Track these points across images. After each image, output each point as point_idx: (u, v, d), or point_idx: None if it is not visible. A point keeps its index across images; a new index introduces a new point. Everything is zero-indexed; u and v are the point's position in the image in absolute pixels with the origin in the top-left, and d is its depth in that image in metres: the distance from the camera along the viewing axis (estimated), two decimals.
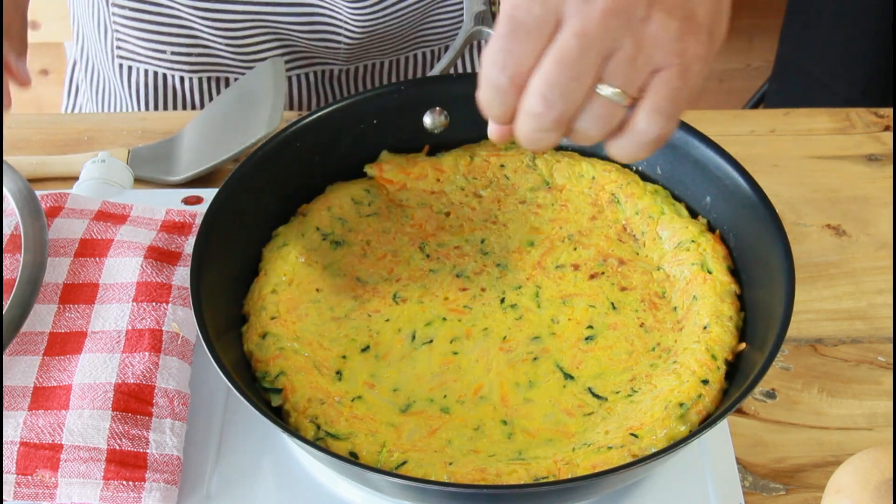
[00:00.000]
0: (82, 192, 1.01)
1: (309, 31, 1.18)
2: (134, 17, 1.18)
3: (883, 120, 1.15)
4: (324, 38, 1.19)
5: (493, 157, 0.96)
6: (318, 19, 1.17)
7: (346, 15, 1.15)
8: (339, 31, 1.18)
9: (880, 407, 0.89)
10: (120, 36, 1.20)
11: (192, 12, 1.16)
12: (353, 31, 1.17)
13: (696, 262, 0.86)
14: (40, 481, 0.78)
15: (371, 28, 1.17)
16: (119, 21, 1.19)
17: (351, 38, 1.18)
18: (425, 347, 0.84)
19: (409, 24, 1.20)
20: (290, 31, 1.18)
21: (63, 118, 1.18)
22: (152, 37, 1.19)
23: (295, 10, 1.16)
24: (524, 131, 0.67)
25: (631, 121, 0.66)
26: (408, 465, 0.75)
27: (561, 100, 0.64)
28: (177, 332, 0.85)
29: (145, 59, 1.21)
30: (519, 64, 0.65)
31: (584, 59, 0.64)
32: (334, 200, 0.93)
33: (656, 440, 0.75)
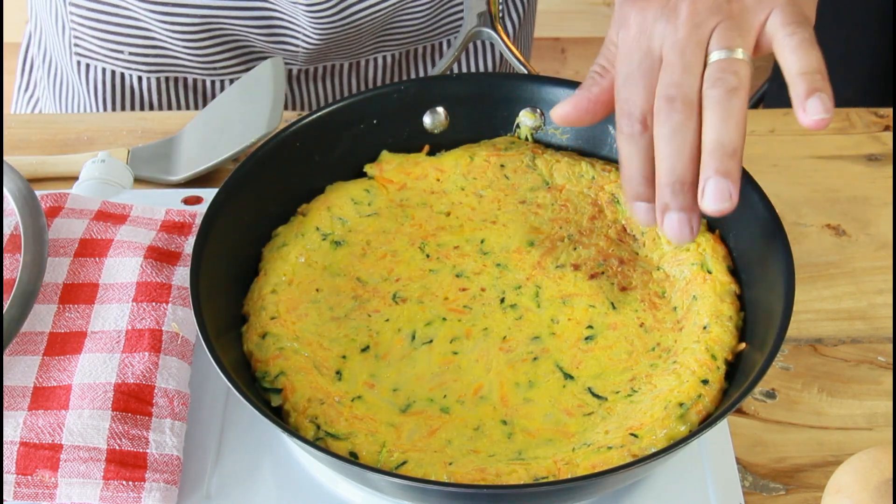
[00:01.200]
0: (82, 192, 1.01)
1: (267, 35, 1.17)
2: (91, 17, 1.17)
3: (883, 120, 1.15)
4: (282, 42, 1.18)
5: (493, 157, 0.96)
6: (275, 23, 1.16)
7: (303, 22, 1.14)
8: (297, 36, 1.17)
9: (880, 407, 0.89)
10: (77, 34, 1.19)
11: (148, 14, 1.15)
12: (312, 37, 1.16)
13: (696, 262, 0.86)
14: (40, 481, 0.78)
15: (329, 34, 1.16)
16: (76, 20, 1.18)
17: (309, 43, 1.17)
18: (425, 347, 0.84)
19: (370, 30, 1.18)
20: (248, 35, 1.17)
21: (63, 118, 1.18)
22: (109, 36, 1.18)
23: (252, 14, 1.15)
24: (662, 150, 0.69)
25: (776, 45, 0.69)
26: (408, 465, 0.75)
27: (679, 87, 0.68)
28: (177, 332, 0.85)
29: (103, 58, 1.20)
30: (638, 104, 0.69)
31: (684, 55, 0.67)
32: (334, 200, 0.93)
33: (656, 440, 0.75)
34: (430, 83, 0.97)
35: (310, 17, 1.13)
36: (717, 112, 0.69)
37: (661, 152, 0.71)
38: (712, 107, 0.70)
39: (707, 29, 0.70)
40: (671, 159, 0.70)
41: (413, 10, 1.19)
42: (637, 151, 0.72)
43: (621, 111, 0.73)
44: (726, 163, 0.70)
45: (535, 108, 0.97)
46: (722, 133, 0.69)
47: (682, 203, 0.71)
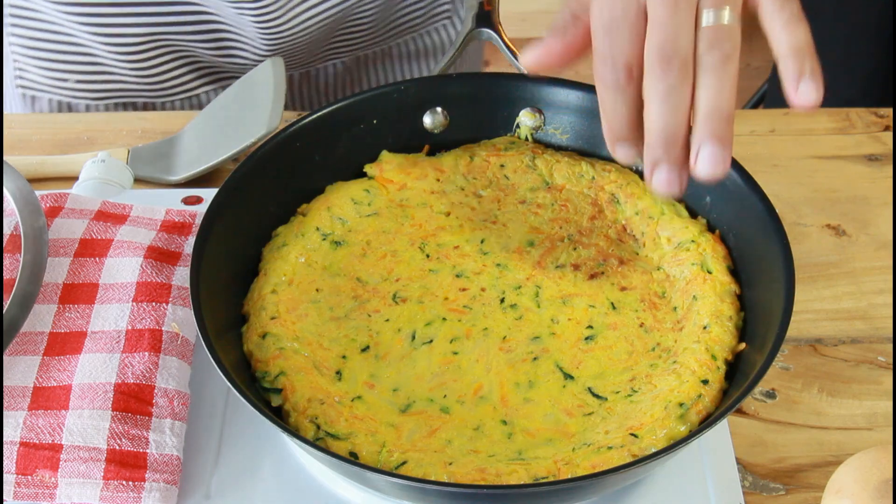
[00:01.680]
0: (82, 192, 1.01)
1: (215, 49, 1.16)
2: (34, 47, 1.15)
3: (883, 120, 1.15)
4: (231, 55, 1.17)
5: (493, 157, 0.96)
6: (224, 36, 1.14)
7: (251, 33, 1.13)
8: (245, 48, 1.15)
9: (880, 407, 0.89)
10: (20, 65, 1.17)
11: (91, 38, 1.13)
12: (260, 48, 1.15)
13: (696, 262, 0.86)
14: (40, 481, 0.78)
15: (278, 44, 1.14)
16: (18, 51, 1.16)
17: (258, 55, 1.16)
18: (425, 347, 0.84)
19: (319, 37, 1.17)
20: (196, 49, 1.15)
21: (63, 118, 1.18)
22: (54, 65, 1.16)
23: (200, 28, 1.13)
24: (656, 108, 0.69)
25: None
26: (408, 465, 0.75)
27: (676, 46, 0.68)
28: (177, 332, 0.85)
29: (49, 89, 1.18)
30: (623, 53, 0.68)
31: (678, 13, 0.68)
32: (334, 200, 0.93)
33: (656, 440, 0.75)
34: (430, 83, 0.97)
35: (258, 27, 1.11)
36: (713, 77, 0.69)
37: (654, 110, 0.69)
38: (709, 72, 0.69)
39: None
40: (665, 117, 0.69)
41: (362, 13, 1.18)
42: (623, 101, 0.71)
43: (603, 59, 0.71)
44: (722, 128, 0.69)
45: (535, 108, 0.97)
46: (719, 99, 0.69)
47: (674, 158, 0.71)
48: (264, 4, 1.09)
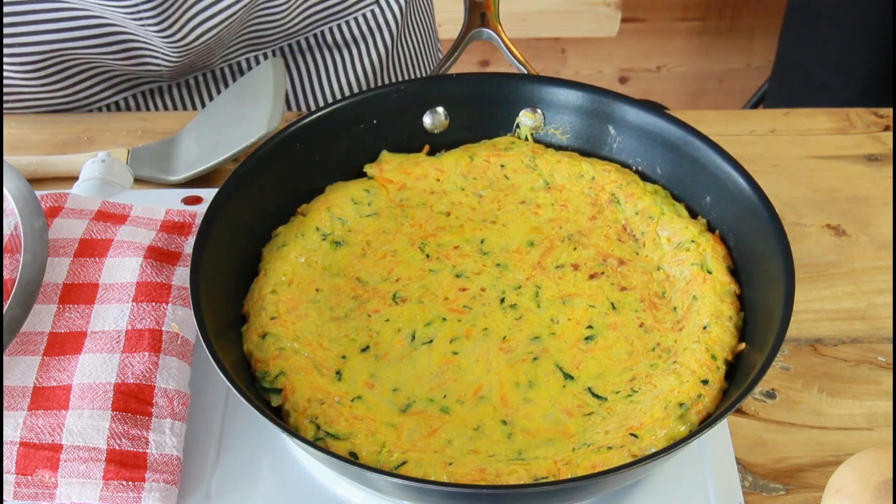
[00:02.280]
0: (82, 192, 1.01)
1: (125, 59, 1.14)
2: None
3: (883, 120, 1.15)
4: (144, 64, 1.15)
5: (493, 157, 0.96)
6: (133, 46, 1.12)
7: (158, 43, 1.11)
8: (157, 56, 1.14)
9: (880, 407, 0.89)
10: None
11: None
12: (171, 57, 1.13)
13: (696, 262, 0.86)
14: (40, 481, 0.78)
15: (187, 51, 1.13)
16: None
17: (170, 61, 1.14)
18: (425, 347, 0.84)
19: (227, 38, 1.15)
20: (105, 60, 1.13)
21: (63, 118, 1.18)
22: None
23: (107, 40, 1.11)
24: None
25: None
26: (407, 465, 0.75)
27: None
28: (177, 332, 0.85)
29: None
30: None
31: None
32: (334, 200, 0.93)
33: (656, 440, 0.75)
34: (430, 83, 0.97)
35: (162, 38, 1.10)
36: None
37: None
38: None
39: None
40: None
41: (270, 6, 1.16)
42: None
43: None
44: None
45: (535, 108, 0.97)
46: None
47: None
48: (163, 18, 1.07)
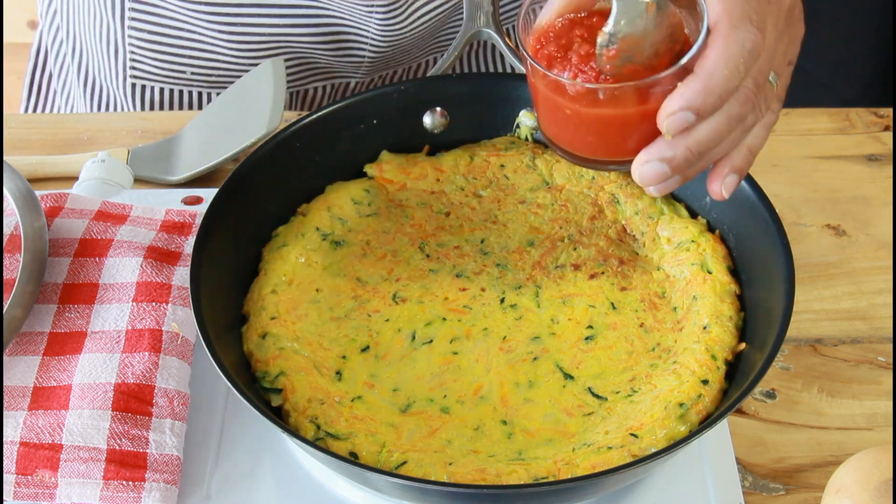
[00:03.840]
0: (82, 192, 1.01)
1: (333, 48, 1.18)
2: (152, 40, 1.17)
3: (883, 120, 1.15)
4: (348, 54, 1.19)
5: (493, 157, 0.96)
6: (343, 36, 1.17)
7: (373, 30, 1.15)
8: (363, 46, 1.17)
9: (880, 407, 0.89)
10: (135, 57, 1.19)
11: (214, 35, 1.16)
12: (379, 45, 1.17)
13: (696, 262, 0.86)
14: (40, 481, 0.78)
15: (397, 40, 1.16)
16: (135, 43, 1.18)
17: (375, 51, 1.18)
18: (425, 347, 0.84)
19: (432, 32, 1.20)
20: (314, 49, 1.18)
21: (63, 118, 1.18)
22: (172, 58, 1.18)
23: (320, 30, 1.16)
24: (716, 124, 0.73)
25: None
26: (408, 465, 0.75)
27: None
28: (177, 332, 0.85)
29: (162, 79, 1.20)
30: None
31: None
32: (334, 200, 0.93)
33: (656, 440, 0.75)
34: (430, 83, 0.97)
35: (381, 24, 1.14)
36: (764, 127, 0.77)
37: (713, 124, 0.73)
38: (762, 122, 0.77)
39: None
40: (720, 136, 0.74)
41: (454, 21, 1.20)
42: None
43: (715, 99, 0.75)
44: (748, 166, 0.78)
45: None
46: (761, 141, 0.77)
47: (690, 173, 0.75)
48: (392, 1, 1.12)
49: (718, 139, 0.73)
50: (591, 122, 0.76)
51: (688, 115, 0.71)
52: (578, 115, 0.76)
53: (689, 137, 0.72)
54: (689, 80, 0.71)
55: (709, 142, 0.72)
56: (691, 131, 0.72)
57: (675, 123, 0.71)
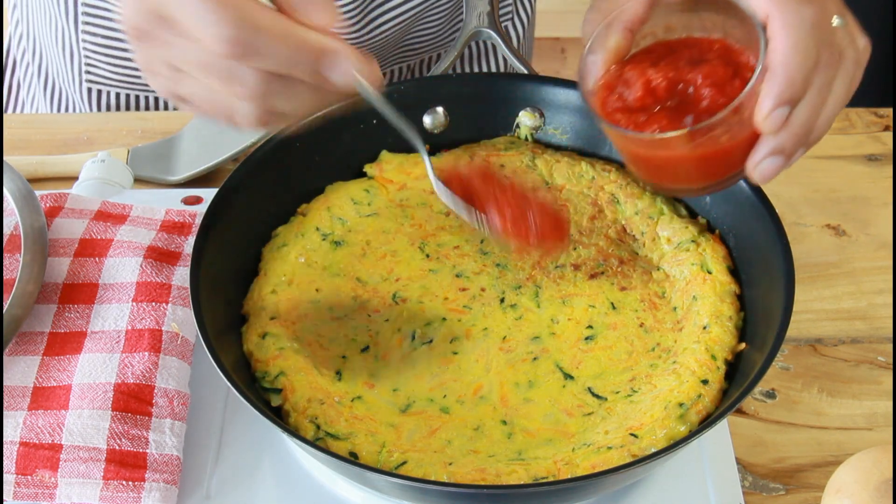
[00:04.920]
0: (82, 192, 1.01)
1: None
2: (106, 45, 1.16)
3: (883, 120, 1.15)
4: None
5: (493, 157, 0.96)
6: None
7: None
8: None
9: (880, 407, 0.89)
10: (90, 61, 1.18)
11: None
12: None
13: (696, 262, 0.86)
14: (40, 481, 0.78)
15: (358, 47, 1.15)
16: (89, 48, 1.17)
17: None
18: (425, 347, 0.84)
19: (391, 43, 1.18)
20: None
21: (63, 118, 1.18)
22: (125, 63, 1.17)
23: None
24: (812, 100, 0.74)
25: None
26: (407, 465, 0.75)
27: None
28: (176, 332, 0.85)
29: (116, 84, 1.19)
30: None
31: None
32: (334, 200, 0.93)
33: (656, 440, 0.75)
34: (430, 83, 0.97)
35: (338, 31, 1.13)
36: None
37: (810, 101, 0.75)
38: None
39: None
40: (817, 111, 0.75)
41: (431, 18, 1.19)
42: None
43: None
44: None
45: (535, 108, 0.97)
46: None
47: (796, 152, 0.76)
48: (346, 9, 1.10)
49: (819, 109, 0.74)
50: (696, 159, 0.77)
51: (782, 110, 0.72)
52: (680, 157, 0.77)
53: (791, 125, 0.73)
54: (769, 78, 0.72)
55: (810, 118, 0.74)
56: (791, 120, 0.73)
57: (774, 122, 0.73)
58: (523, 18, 1.30)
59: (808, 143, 0.75)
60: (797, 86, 0.72)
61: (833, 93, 0.75)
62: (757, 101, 0.73)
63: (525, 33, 1.32)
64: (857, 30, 0.78)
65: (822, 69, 0.73)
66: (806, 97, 0.73)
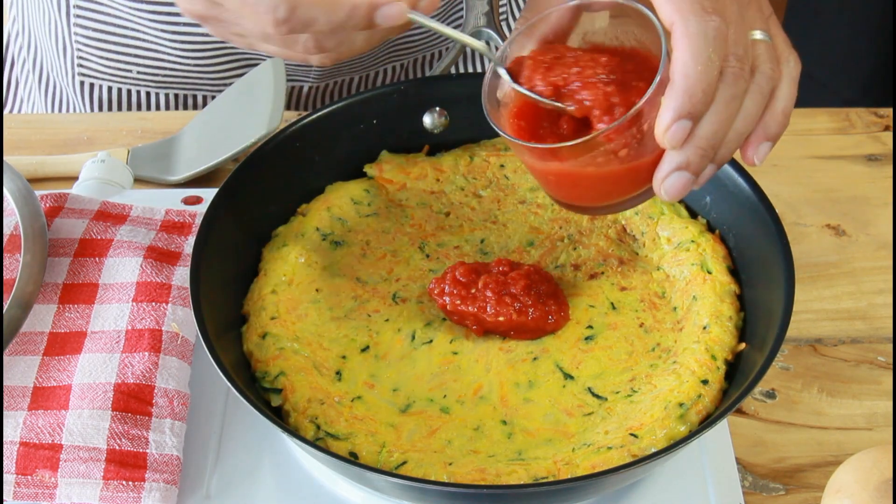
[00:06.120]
0: (82, 192, 1.01)
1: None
2: (98, 38, 1.17)
3: (883, 120, 1.15)
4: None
5: (493, 157, 0.96)
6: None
7: None
8: None
9: (880, 407, 0.89)
10: (82, 55, 1.18)
11: (157, 35, 1.14)
12: None
13: (696, 263, 0.86)
14: (40, 481, 0.78)
15: None
16: (81, 41, 1.17)
17: None
18: (425, 347, 0.84)
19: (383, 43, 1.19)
20: (259, 53, 1.16)
21: (63, 118, 1.18)
22: (117, 56, 1.18)
23: None
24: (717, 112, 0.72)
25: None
26: (407, 465, 0.75)
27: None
28: (176, 332, 0.85)
29: (109, 78, 1.20)
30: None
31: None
32: (334, 200, 0.93)
33: (656, 440, 0.75)
34: (430, 83, 0.97)
35: None
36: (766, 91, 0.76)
37: (715, 113, 0.73)
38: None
39: None
40: (723, 123, 0.73)
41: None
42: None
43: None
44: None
45: None
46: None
47: (703, 167, 0.74)
48: None
49: (727, 124, 0.72)
50: (600, 176, 0.75)
51: (683, 123, 0.70)
52: (581, 174, 0.75)
53: (695, 139, 0.71)
54: (668, 89, 0.70)
55: (716, 133, 0.71)
56: (694, 133, 0.71)
57: (675, 136, 0.70)
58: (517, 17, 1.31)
59: (716, 160, 0.73)
60: (697, 98, 0.69)
61: (744, 108, 0.72)
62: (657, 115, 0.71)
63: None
64: (786, 46, 0.76)
65: (728, 82, 0.71)
66: (710, 111, 0.71)
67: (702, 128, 0.71)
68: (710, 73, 0.69)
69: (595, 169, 0.73)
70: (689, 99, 0.69)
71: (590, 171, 0.74)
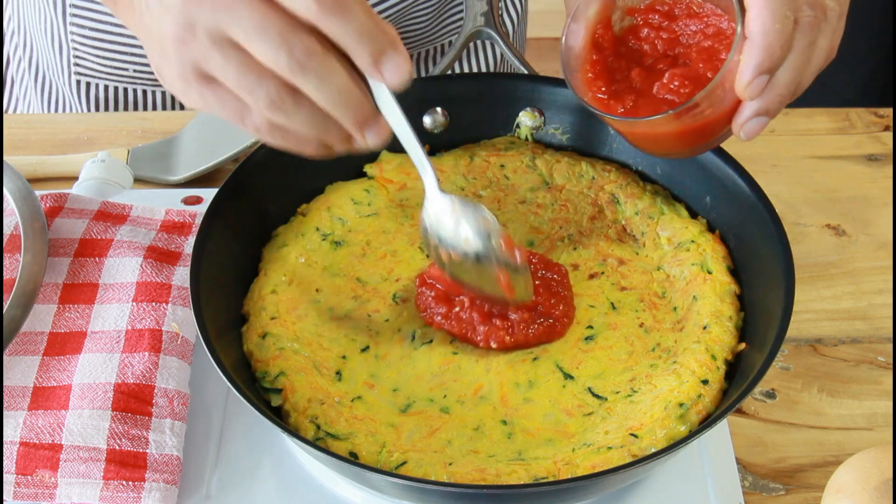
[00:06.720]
0: (82, 192, 1.01)
1: None
2: (94, 38, 1.17)
3: (883, 120, 1.15)
4: None
5: (493, 157, 0.96)
6: None
7: None
8: None
9: (880, 407, 0.89)
10: (78, 54, 1.18)
11: None
12: None
13: (696, 263, 0.86)
14: (40, 481, 0.78)
15: None
16: (77, 40, 1.17)
17: None
18: (425, 347, 0.84)
19: None
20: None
21: (63, 118, 1.18)
22: (113, 55, 1.18)
23: None
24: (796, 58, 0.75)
25: None
26: (408, 465, 0.75)
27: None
28: (177, 332, 0.85)
29: (105, 76, 1.20)
30: None
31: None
32: (334, 200, 0.93)
33: (656, 440, 0.75)
34: (430, 83, 0.97)
35: None
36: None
37: (794, 60, 0.75)
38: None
39: None
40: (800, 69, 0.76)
41: (417, 13, 1.19)
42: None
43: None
44: None
45: (535, 108, 0.97)
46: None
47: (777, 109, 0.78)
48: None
49: (804, 69, 0.75)
50: (682, 132, 0.79)
51: (761, 78, 0.73)
52: (667, 133, 0.80)
53: (775, 87, 0.74)
54: (747, 48, 0.73)
55: (793, 80, 0.74)
56: (774, 82, 0.73)
57: (755, 89, 0.73)
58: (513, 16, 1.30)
59: (796, 95, 0.76)
60: (776, 54, 0.72)
61: (818, 48, 0.75)
62: (737, 72, 0.74)
63: (515, 29, 1.32)
64: None
65: (805, 31, 0.73)
66: (787, 60, 0.73)
67: (781, 76, 0.74)
68: (787, 28, 0.72)
69: (678, 128, 0.78)
70: (769, 56, 0.72)
71: (673, 128, 0.78)
